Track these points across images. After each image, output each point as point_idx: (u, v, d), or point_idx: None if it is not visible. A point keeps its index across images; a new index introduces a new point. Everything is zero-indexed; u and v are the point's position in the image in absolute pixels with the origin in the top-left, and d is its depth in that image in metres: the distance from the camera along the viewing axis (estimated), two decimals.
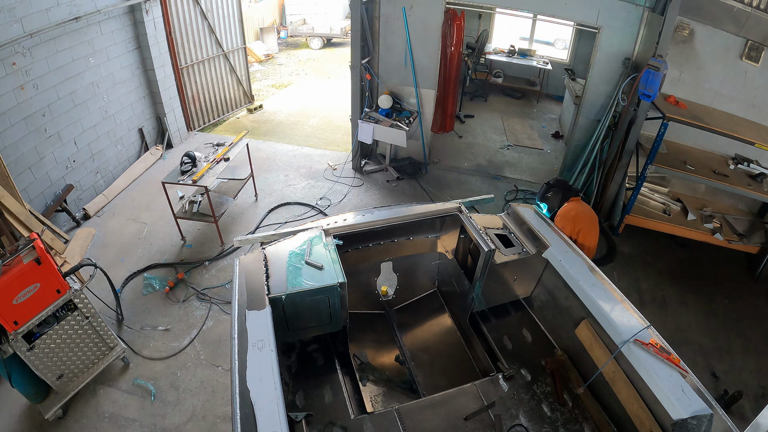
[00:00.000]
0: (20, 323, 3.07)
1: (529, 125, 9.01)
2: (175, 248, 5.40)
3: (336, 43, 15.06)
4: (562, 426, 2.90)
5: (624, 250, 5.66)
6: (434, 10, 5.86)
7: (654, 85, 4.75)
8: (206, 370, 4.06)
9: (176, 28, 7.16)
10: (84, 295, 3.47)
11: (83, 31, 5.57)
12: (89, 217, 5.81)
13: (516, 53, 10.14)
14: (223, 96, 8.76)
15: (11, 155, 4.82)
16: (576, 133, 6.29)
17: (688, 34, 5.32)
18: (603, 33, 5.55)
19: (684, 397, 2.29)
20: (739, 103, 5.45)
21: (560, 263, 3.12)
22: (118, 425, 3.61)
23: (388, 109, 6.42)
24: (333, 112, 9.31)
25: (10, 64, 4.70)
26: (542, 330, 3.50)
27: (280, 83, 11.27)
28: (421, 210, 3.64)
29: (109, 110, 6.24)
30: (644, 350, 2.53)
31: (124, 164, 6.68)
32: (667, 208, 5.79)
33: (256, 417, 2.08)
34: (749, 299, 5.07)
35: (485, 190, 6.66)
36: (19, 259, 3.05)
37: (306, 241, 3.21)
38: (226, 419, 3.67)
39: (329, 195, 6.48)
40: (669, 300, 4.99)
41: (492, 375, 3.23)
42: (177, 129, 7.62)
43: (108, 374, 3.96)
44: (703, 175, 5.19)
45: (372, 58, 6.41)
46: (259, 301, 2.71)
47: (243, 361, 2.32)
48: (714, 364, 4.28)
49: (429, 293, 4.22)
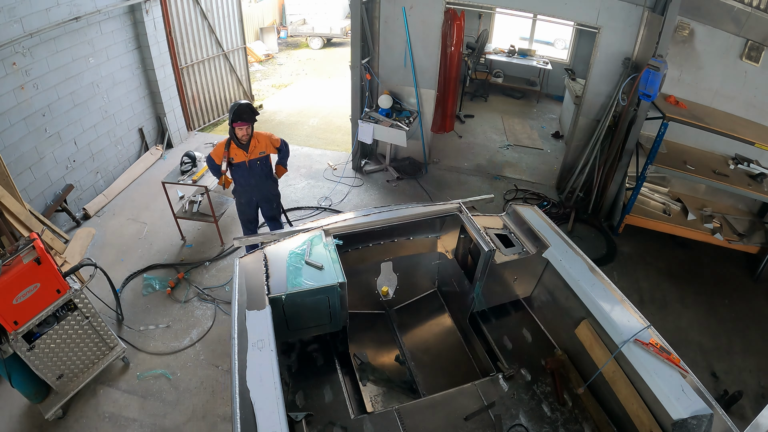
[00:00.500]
0: (20, 323, 3.07)
1: (529, 125, 9.01)
2: (175, 248, 5.40)
3: (336, 43, 15.06)
4: (562, 426, 2.90)
5: (624, 250, 5.66)
6: (434, 10, 5.86)
7: (654, 85, 4.75)
8: (206, 370, 4.06)
9: (176, 28, 7.16)
10: (84, 295, 3.46)
11: (83, 31, 5.57)
12: (89, 217, 5.81)
13: (516, 53, 10.14)
14: (223, 96, 8.76)
15: (11, 155, 4.81)
16: (576, 133, 6.29)
17: (688, 34, 5.31)
18: (603, 33, 5.55)
19: (684, 397, 2.29)
20: (739, 103, 5.45)
21: (560, 263, 3.12)
22: (119, 425, 3.61)
23: (388, 109, 6.42)
24: (333, 112, 9.31)
25: (10, 64, 4.70)
26: (542, 330, 3.50)
27: (280, 83, 11.27)
28: (421, 210, 3.64)
29: (109, 110, 6.24)
30: (644, 350, 2.53)
31: (124, 164, 6.68)
32: (667, 208, 5.79)
33: (256, 417, 2.08)
34: (749, 299, 5.07)
35: (485, 190, 6.66)
36: (19, 259, 3.05)
37: (306, 241, 3.21)
38: (226, 419, 3.67)
39: (330, 195, 6.48)
40: (669, 300, 4.99)
41: (492, 375, 3.23)
42: (177, 129, 7.62)
43: (108, 374, 3.96)
44: (703, 175, 5.18)
45: (372, 58, 6.41)
46: (259, 301, 2.71)
47: (243, 361, 2.33)
48: (714, 364, 4.28)
49: (429, 293, 4.22)
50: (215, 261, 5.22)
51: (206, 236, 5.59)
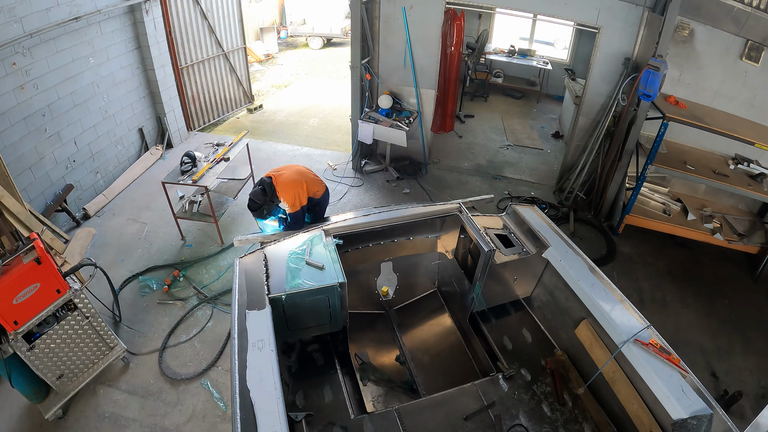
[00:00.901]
0: (20, 323, 3.07)
1: (529, 125, 9.01)
2: (176, 248, 5.40)
3: (336, 43, 15.05)
4: (562, 426, 2.90)
5: (624, 250, 5.65)
6: (434, 10, 5.86)
7: (654, 85, 4.75)
8: (206, 370, 4.06)
9: (176, 28, 7.16)
10: (84, 295, 3.47)
11: (83, 31, 5.56)
12: (89, 216, 5.81)
13: (516, 53, 10.13)
14: (223, 96, 8.76)
15: (11, 155, 4.81)
16: (576, 133, 6.29)
17: (688, 34, 5.31)
18: (603, 33, 5.55)
19: (684, 397, 2.29)
20: (739, 103, 5.45)
21: (560, 263, 3.12)
22: (118, 425, 3.61)
23: (388, 109, 6.42)
24: (333, 112, 9.31)
25: (10, 64, 4.70)
26: (542, 330, 3.51)
27: (280, 83, 11.26)
28: (421, 210, 3.64)
29: (109, 110, 6.24)
30: (644, 350, 2.53)
31: (124, 164, 6.68)
32: (667, 208, 5.79)
33: (256, 417, 2.08)
34: (749, 299, 5.07)
35: (485, 190, 6.66)
36: (19, 259, 3.05)
37: (306, 241, 3.21)
38: (226, 419, 3.67)
39: (336, 198, 6.47)
40: (669, 300, 4.99)
41: (492, 375, 3.23)
42: (177, 129, 7.62)
43: (108, 374, 3.96)
44: (703, 175, 5.18)
45: (372, 58, 6.40)
46: (260, 301, 2.71)
47: (243, 361, 2.32)
48: (714, 364, 4.28)
49: (429, 293, 4.22)
50: (215, 260, 5.21)
51: (206, 236, 5.59)
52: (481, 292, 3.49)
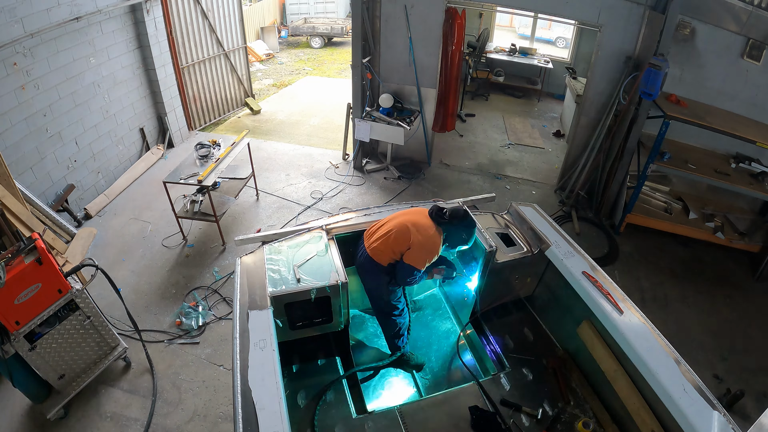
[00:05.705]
0: (22, 323, 3.07)
1: (531, 124, 9.00)
2: (177, 248, 5.40)
3: (337, 42, 15.06)
4: (564, 425, 2.89)
5: (625, 249, 5.65)
6: (435, 9, 5.85)
7: (655, 83, 4.74)
8: (208, 370, 4.06)
9: (177, 27, 7.17)
10: (86, 295, 3.47)
11: (84, 31, 5.57)
12: (90, 216, 5.81)
13: (517, 52, 10.12)
14: (224, 95, 8.76)
15: (12, 155, 4.82)
16: (577, 131, 6.28)
17: (689, 33, 5.30)
18: (604, 32, 5.54)
19: (685, 395, 2.28)
20: (741, 101, 5.44)
21: (562, 262, 3.11)
22: (120, 425, 3.61)
23: (389, 108, 6.42)
24: (334, 111, 9.30)
25: (11, 64, 4.70)
26: (544, 329, 3.50)
27: (281, 82, 11.27)
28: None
29: (110, 110, 6.25)
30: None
31: (125, 164, 6.69)
32: (668, 206, 5.78)
33: (257, 416, 2.08)
34: (751, 298, 5.06)
35: (487, 189, 6.66)
36: (20, 259, 3.05)
37: (307, 241, 3.21)
38: (227, 419, 3.67)
39: (330, 194, 6.47)
40: (670, 299, 4.98)
41: (494, 374, 3.23)
42: (178, 128, 7.63)
43: (110, 374, 3.96)
44: (704, 173, 5.17)
45: (373, 57, 6.40)
46: (261, 300, 2.71)
47: (245, 361, 2.33)
48: (716, 363, 4.28)
49: (430, 293, 4.22)
50: (216, 260, 5.22)
51: (208, 236, 5.60)
52: (483, 291, 3.48)
